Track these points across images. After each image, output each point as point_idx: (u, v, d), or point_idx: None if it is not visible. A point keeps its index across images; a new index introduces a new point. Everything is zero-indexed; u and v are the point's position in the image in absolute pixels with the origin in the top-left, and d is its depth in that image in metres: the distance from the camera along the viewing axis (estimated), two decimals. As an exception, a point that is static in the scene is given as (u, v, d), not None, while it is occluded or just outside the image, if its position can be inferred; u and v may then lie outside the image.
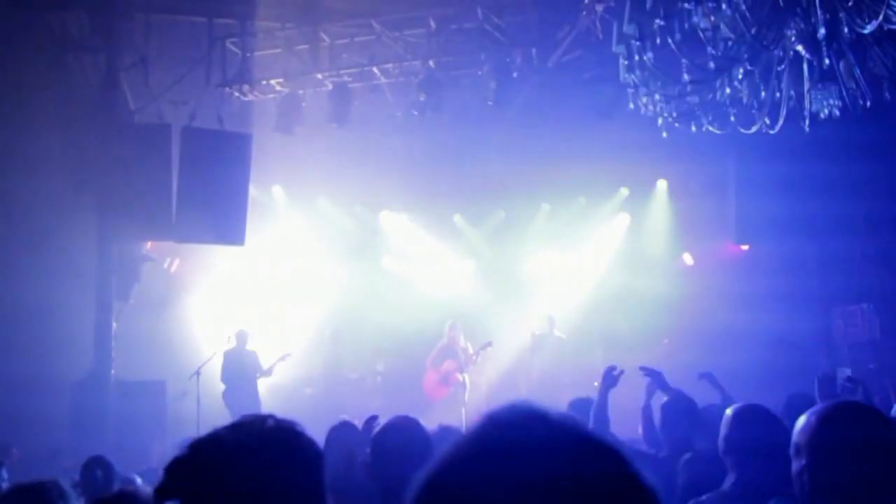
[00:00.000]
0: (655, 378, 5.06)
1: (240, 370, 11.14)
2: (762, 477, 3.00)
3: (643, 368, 5.20)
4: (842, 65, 5.46)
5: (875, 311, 10.77)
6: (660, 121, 6.69)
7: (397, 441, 2.90)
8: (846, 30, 4.83)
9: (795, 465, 2.27)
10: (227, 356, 11.17)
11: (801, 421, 2.29)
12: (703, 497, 3.05)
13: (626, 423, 5.69)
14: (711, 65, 5.63)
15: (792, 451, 2.29)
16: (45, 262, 9.27)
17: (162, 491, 1.54)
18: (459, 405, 10.73)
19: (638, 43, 5.67)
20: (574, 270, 13.47)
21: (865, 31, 4.67)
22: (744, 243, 11.38)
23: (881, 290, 10.78)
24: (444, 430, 4.67)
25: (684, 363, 10.08)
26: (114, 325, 9.69)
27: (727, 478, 3.10)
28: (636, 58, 5.81)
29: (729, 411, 3.34)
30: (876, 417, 2.25)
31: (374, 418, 4.37)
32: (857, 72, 5.37)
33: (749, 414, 3.36)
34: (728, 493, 3.02)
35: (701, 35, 5.30)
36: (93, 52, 9.65)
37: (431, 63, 9.74)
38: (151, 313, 10.44)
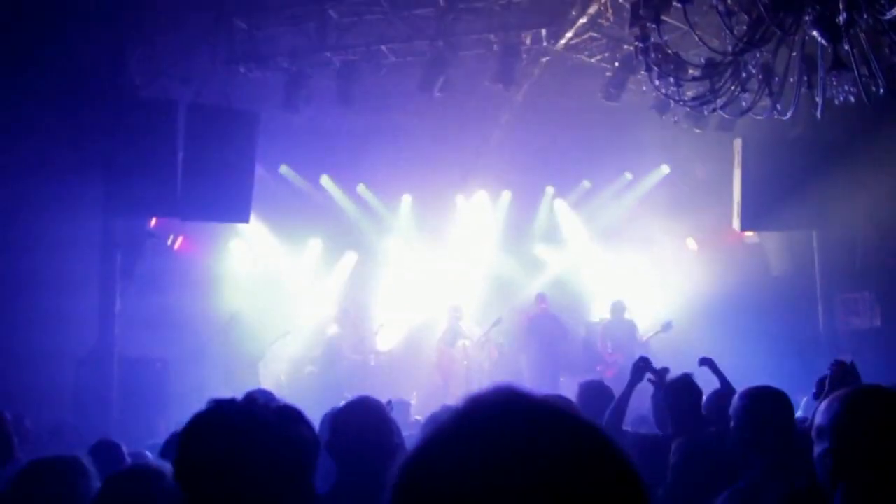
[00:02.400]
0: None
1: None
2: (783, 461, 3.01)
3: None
4: (855, 51, 5.44)
5: (876, 298, 10.80)
6: (672, 104, 6.67)
7: (356, 420, 2.96)
8: (865, 16, 4.80)
9: (818, 449, 2.27)
10: (230, 334, 11.22)
11: (826, 404, 2.29)
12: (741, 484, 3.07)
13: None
14: (729, 48, 5.58)
15: (815, 433, 2.29)
16: (49, 237, 9.24)
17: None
18: (468, 385, 10.80)
19: (654, 25, 5.64)
20: (577, 253, 13.50)
21: (886, 18, 4.64)
22: (748, 230, 11.39)
23: (883, 277, 10.80)
24: (447, 413, 4.69)
25: (688, 346, 10.15)
26: (118, 300, 9.68)
27: (756, 462, 3.11)
28: (651, 40, 5.78)
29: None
30: None
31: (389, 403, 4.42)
32: (873, 59, 5.35)
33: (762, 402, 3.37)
34: (756, 482, 3.03)
35: (720, 19, 5.25)
36: (98, 26, 9.55)
37: (440, 43, 9.67)
38: (155, 290, 10.42)
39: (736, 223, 10.98)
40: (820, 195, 10.31)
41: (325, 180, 13.11)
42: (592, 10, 9.23)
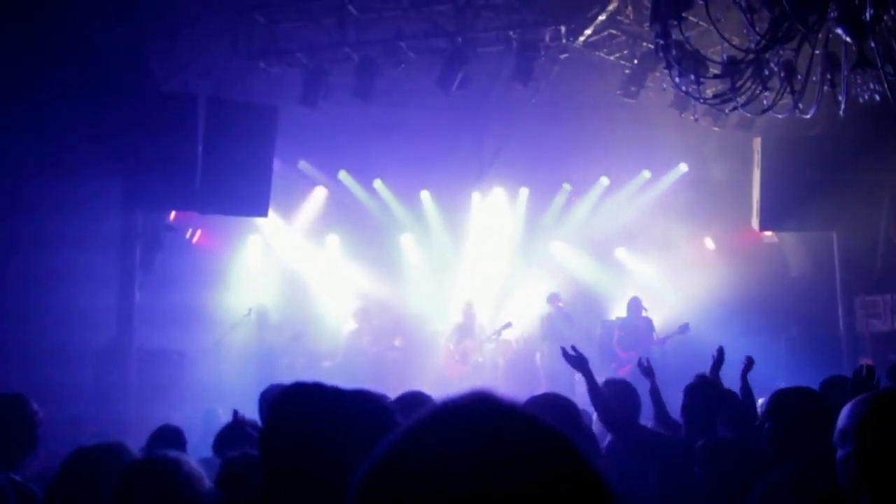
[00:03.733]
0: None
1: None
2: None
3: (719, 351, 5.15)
4: (880, 49, 5.36)
5: (897, 301, 10.69)
6: (691, 102, 6.62)
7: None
8: (893, 12, 4.74)
9: (841, 452, 2.23)
10: (248, 328, 11.28)
11: (850, 406, 2.25)
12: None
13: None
14: (751, 45, 5.53)
15: (837, 436, 2.26)
16: (70, 231, 9.30)
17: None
18: (476, 384, 10.76)
19: (675, 22, 5.60)
20: (594, 251, 13.44)
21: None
22: (767, 230, 11.29)
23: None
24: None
25: (705, 347, 10.09)
26: (137, 294, 9.75)
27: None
28: (673, 37, 5.74)
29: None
30: None
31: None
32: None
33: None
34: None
35: (743, 16, 5.20)
36: (119, 21, 9.61)
37: (459, 39, 9.65)
38: (173, 283, 10.49)
39: (755, 223, 10.89)
40: (840, 195, 10.20)
41: (343, 175, 13.14)
42: (612, 7, 9.19)
